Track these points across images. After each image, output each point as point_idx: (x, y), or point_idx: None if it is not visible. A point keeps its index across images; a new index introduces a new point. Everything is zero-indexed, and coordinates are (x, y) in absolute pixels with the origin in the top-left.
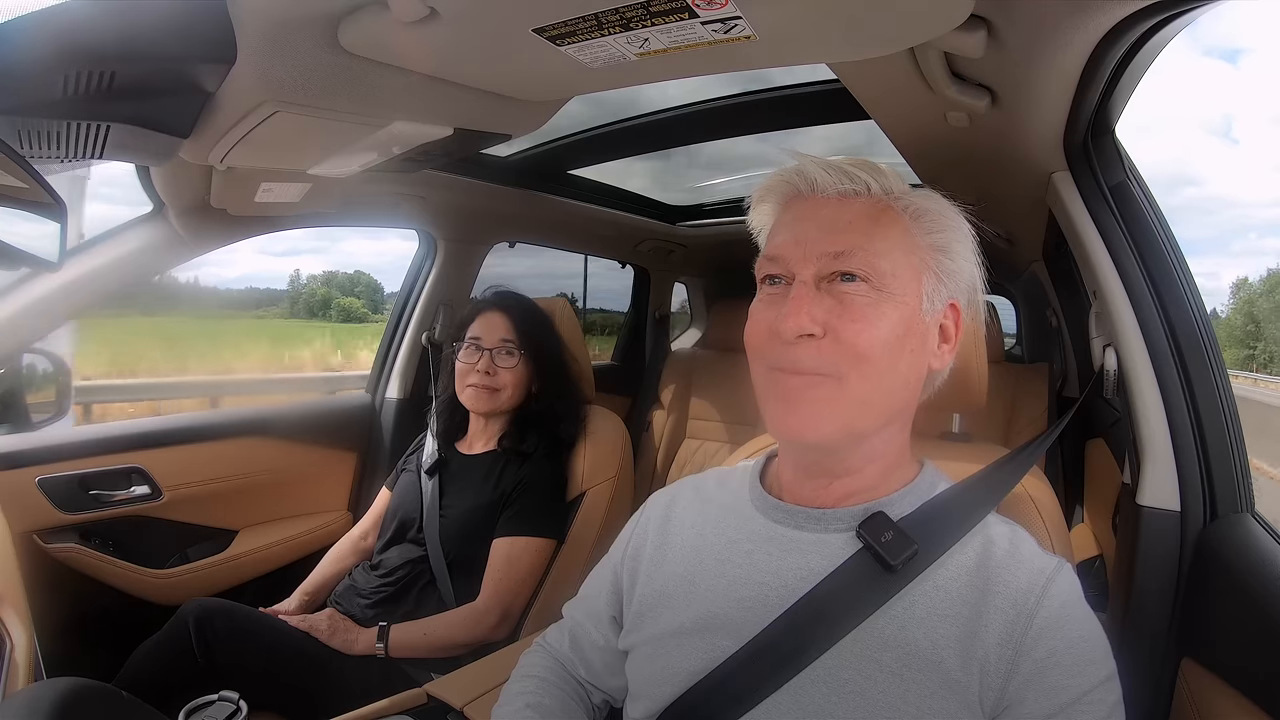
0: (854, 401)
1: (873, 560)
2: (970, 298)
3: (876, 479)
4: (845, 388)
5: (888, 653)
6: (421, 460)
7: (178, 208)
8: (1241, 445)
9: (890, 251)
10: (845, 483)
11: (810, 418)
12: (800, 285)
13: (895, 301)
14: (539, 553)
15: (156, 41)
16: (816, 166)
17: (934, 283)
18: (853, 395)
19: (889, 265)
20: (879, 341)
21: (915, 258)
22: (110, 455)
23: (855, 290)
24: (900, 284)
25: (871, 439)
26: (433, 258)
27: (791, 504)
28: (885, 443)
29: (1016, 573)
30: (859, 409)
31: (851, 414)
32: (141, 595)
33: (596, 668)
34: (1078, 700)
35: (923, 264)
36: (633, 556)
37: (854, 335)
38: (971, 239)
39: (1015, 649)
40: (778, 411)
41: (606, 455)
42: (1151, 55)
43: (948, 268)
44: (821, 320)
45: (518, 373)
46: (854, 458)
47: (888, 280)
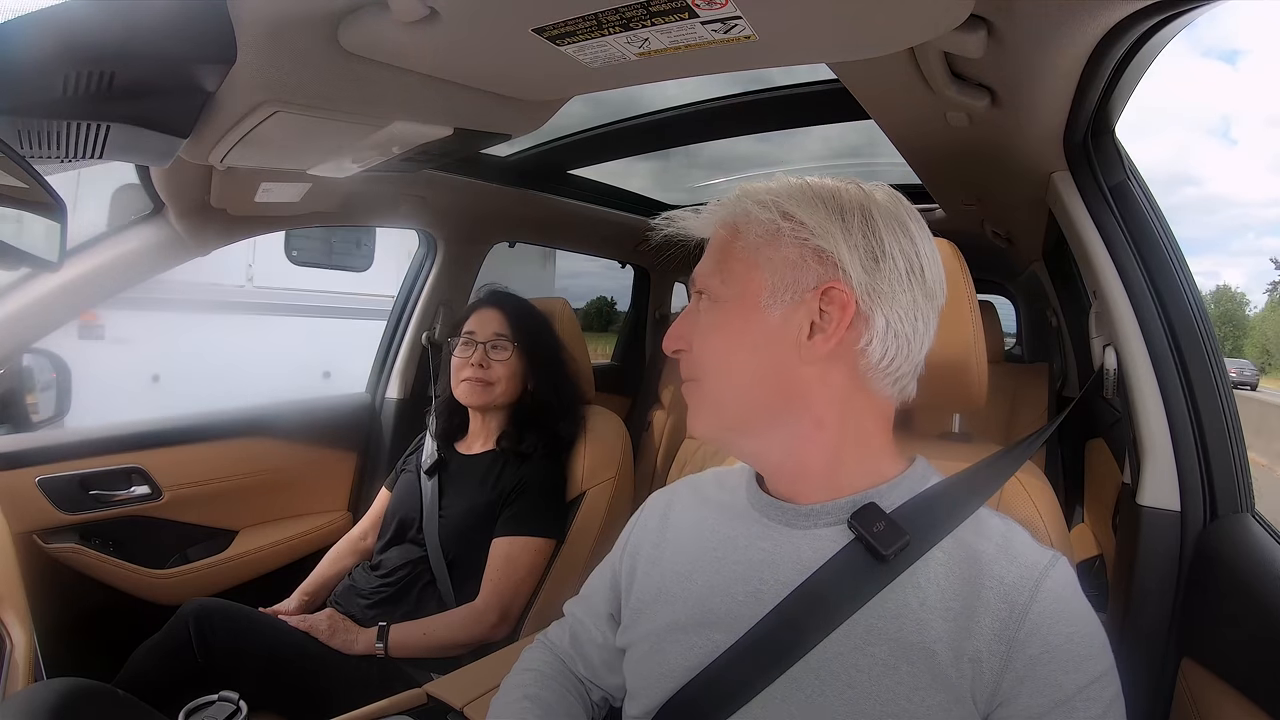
0: (710, 401)
1: (865, 551)
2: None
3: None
4: (702, 389)
5: (880, 645)
6: (421, 460)
7: (178, 208)
8: (1241, 445)
9: (725, 262)
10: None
11: (691, 416)
12: (683, 312)
13: (726, 305)
14: (538, 552)
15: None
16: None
17: (777, 276)
18: (708, 396)
19: (719, 274)
20: (712, 347)
21: (743, 262)
22: (110, 455)
23: (700, 305)
24: (731, 286)
25: (773, 435)
26: (433, 258)
27: (784, 501)
28: (803, 438)
29: (1010, 567)
30: (715, 407)
31: (710, 411)
32: (141, 595)
33: (595, 665)
34: (1073, 696)
35: (752, 265)
36: (631, 555)
37: (699, 344)
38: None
39: (1008, 644)
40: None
41: (606, 455)
42: (1151, 55)
43: (786, 257)
44: (686, 335)
45: (511, 366)
46: (768, 455)
47: (719, 292)
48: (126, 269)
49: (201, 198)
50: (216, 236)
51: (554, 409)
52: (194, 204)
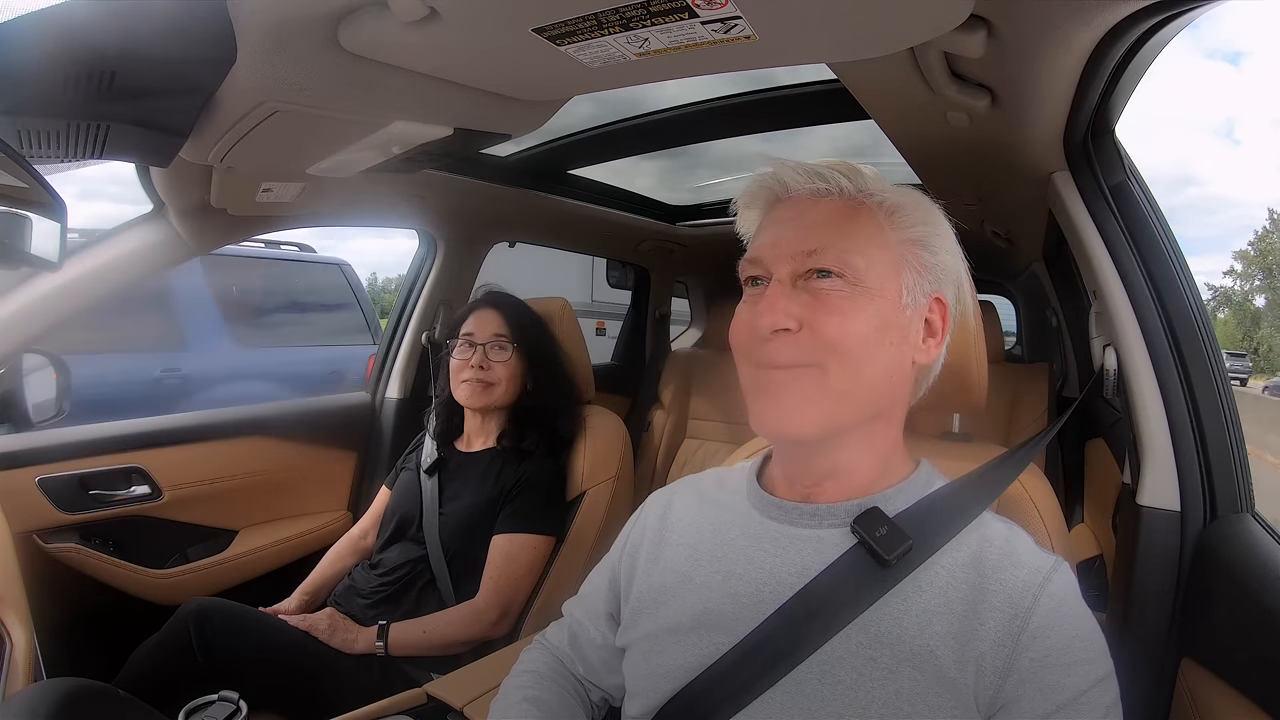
0: (834, 393)
1: (867, 555)
2: (957, 292)
3: (869, 477)
4: (825, 378)
5: (882, 649)
6: (421, 459)
7: (178, 208)
8: (1241, 445)
9: (864, 247)
10: (836, 482)
11: (791, 411)
12: (776, 283)
13: (871, 295)
14: (538, 550)
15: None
16: (788, 169)
17: (913, 276)
18: (833, 386)
19: (863, 261)
20: (855, 333)
21: (891, 252)
22: (110, 455)
23: (831, 286)
24: (876, 278)
25: (855, 435)
26: (433, 257)
27: (785, 500)
28: (872, 440)
29: (1013, 571)
30: (839, 401)
31: (831, 406)
32: (141, 595)
33: (595, 665)
34: (1074, 700)
35: (900, 259)
36: (630, 555)
37: (830, 327)
38: (951, 232)
39: (1011, 648)
40: (761, 406)
41: (606, 455)
42: (1152, 55)
43: (927, 261)
44: (797, 315)
45: (511, 366)
46: (840, 455)
47: (863, 275)
48: (126, 269)
49: (201, 198)
50: (216, 236)
51: (553, 407)
52: (194, 204)
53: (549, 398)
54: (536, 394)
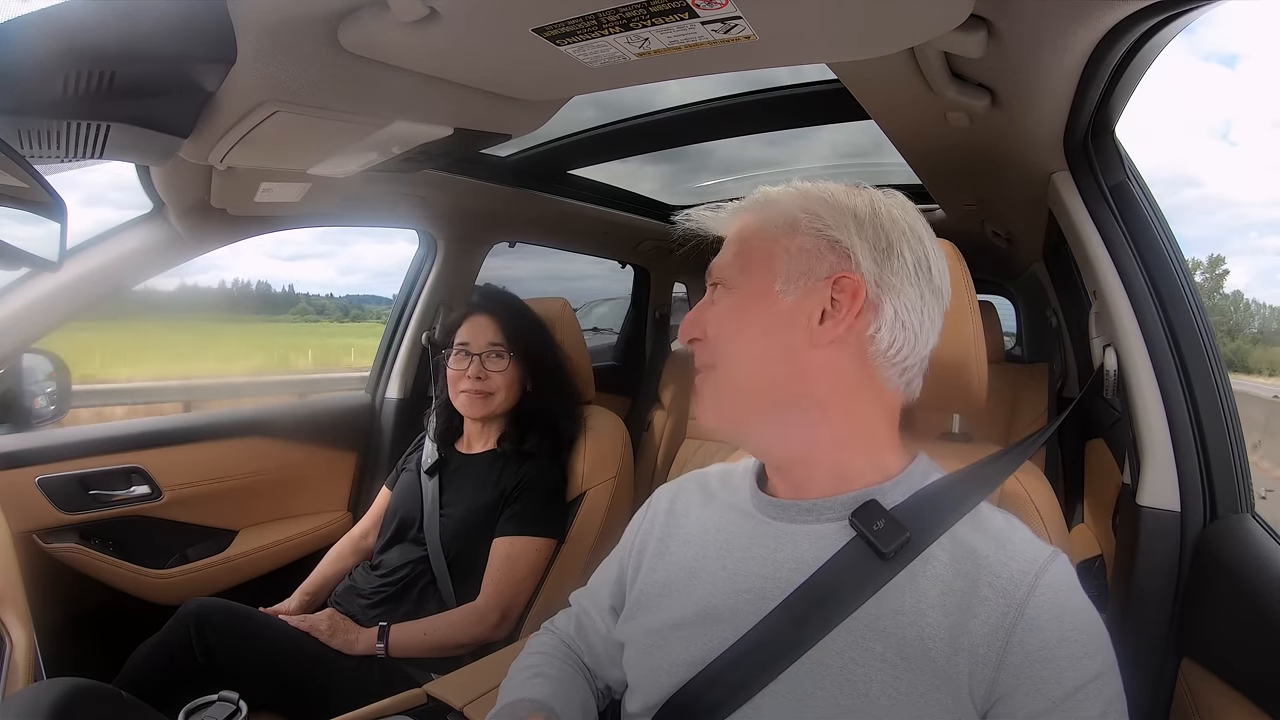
0: (724, 387)
1: (866, 548)
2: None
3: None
4: (715, 375)
5: (880, 642)
6: (421, 460)
7: (178, 208)
8: (1242, 445)
9: (739, 254)
10: (803, 471)
11: (705, 408)
12: (698, 304)
13: (742, 292)
14: (539, 552)
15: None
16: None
17: (791, 263)
18: (721, 382)
19: (736, 265)
20: (726, 331)
21: (758, 250)
22: (110, 455)
23: (715, 294)
24: (748, 275)
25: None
26: (433, 258)
27: (784, 499)
28: (817, 425)
29: (1008, 562)
30: (731, 393)
31: (727, 399)
32: (141, 595)
33: (599, 656)
34: (1072, 694)
35: (768, 254)
36: (638, 549)
37: (711, 329)
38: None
39: (1005, 640)
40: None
41: (606, 455)
42: (1151, 55)
43: (801, 245)
44: (701, 323)
45: (509, 375)
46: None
47: (732, 276)
48: (126, 269)
49: (201, 198)
50: (216, 236)
51: (554, 409)
52: (194, 204)
53: (549, 400)
54: (536, 397)
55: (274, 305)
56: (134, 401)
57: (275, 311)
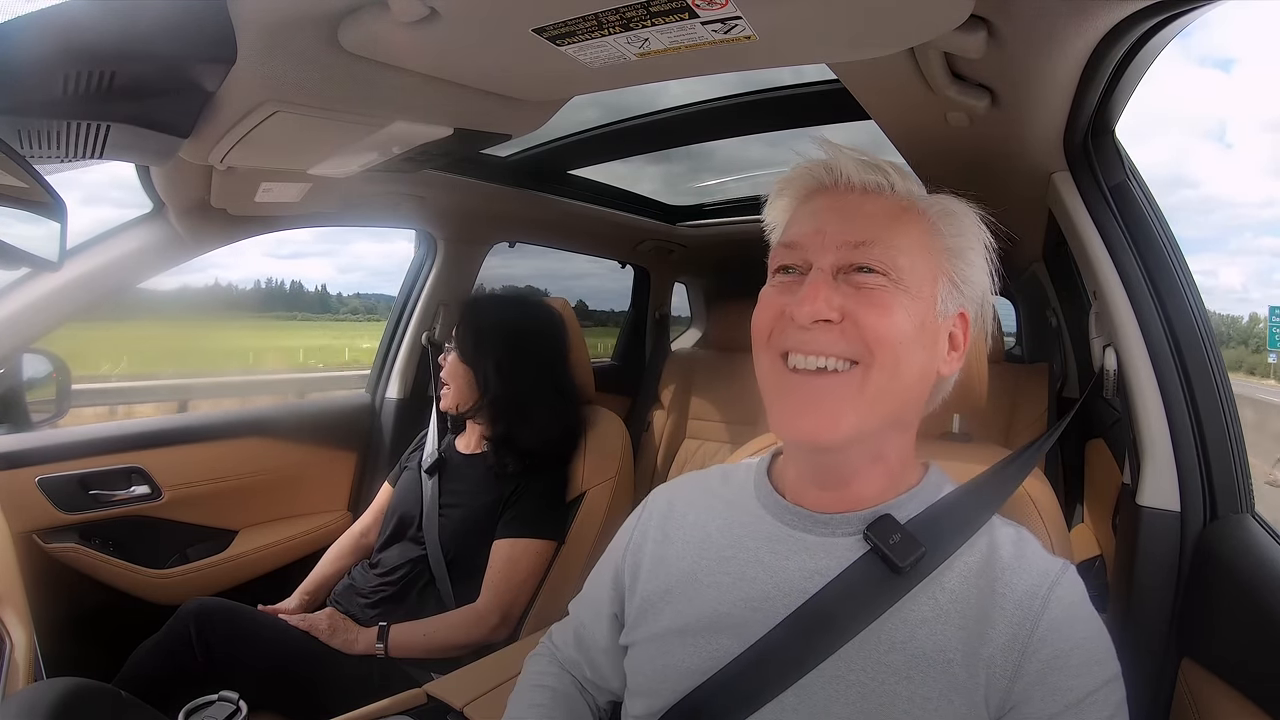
0: (871, 395)
1: (880, 562)
2: (979, 310)
3: (882, 486)
4: (866, 378)
5: (894, 654)
6: (423, 458)
7: (178, 208)
8: (1241, 445)
9: (910, 249)
10: (852, 489)
11: (826, 416)
12: (818, 273)
13: (912, 296)
14: (539, 554)
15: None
16: (847, 158)
17: (948, 288)
18: (872, 387)
19: (908, 262)
20: (899, 330)
21: (933, 260)
22: (110, 455)
23: (874, 282)
24: (917, 281)
25: (877, 440)
26: (433, 258)
27: (798, 506)
28: (891, 446)
29: (1022, 575)
30: (874, 403)
31: (866, 409)
32: (141, 595)
33: (602, 668)
34: (1082, 701)
35: (939, 267)
36: (635, 553)
37: (874, 321)
38: (986, 250)
39: (1021, 651)
40: (790, 410)
41: (606, 456)
42: (1151, 56)
43: (963, 274)
44: (839, 306)
45: (453, 370)
46: (860, 461)
47: (905, 276)
48: (126, 269)
49: (201, 197)
50: (216, 236)
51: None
52: (194, 204)
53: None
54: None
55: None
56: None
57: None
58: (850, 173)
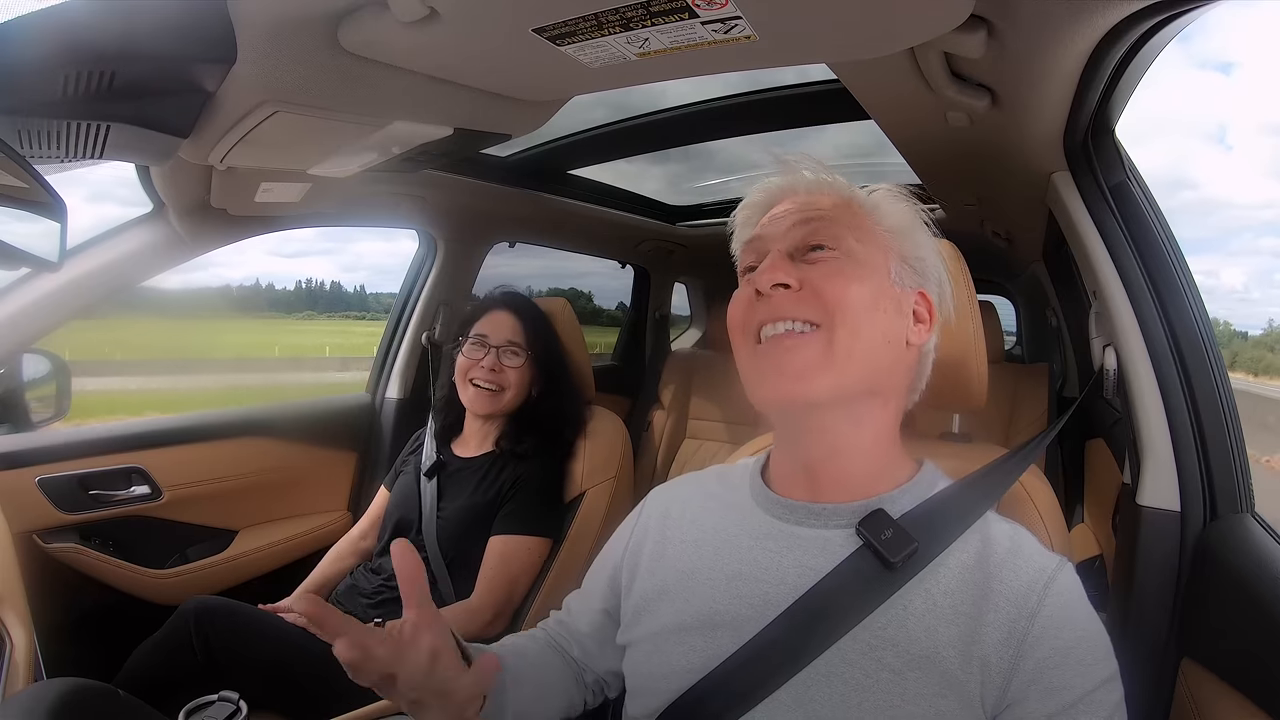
0: (838, 354)
1: (873, 558)
2: (939, 291)
3: (870, 467)
4: (830, 339)
5: (888, 650)
6: (420, 461)
7: (178, 208)
8: (1241, 445)
9: (854, 230)
10: (836, 465)
11: (795, 376)
12: (774, 254)
13: (863, 265)
14: (534, 551)
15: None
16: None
17: (899, 264)
18: (837, 347)
19: (855, 241)
20: (854, 295)
21: (879, 241)
22: (110, 455)
23: (827, 256)
24: (867, 255)
25: (854, 410)
26: (433, 258)
27: (790, 499)
28: (870, 420)
29: (1018, 571)
30: (844, 363)
31: (837, 368)
32: (141, 595)
33: (590, 650)
34: (1079, 700)
35: (885, 247)
36: (634, 552)
37: (831, 288)
38: (929, 232)
39: (1017, 648)
40: (763, 374)
41: (606, 455)
42: (1151, 56)
43: (911, 251)
44: (797, 276)
45: (523, 374)
46: (839, 432)
47: (854, 249)
48: (126, 269)
49: (201, 198)
50: (216, 236)
51: (559, 412)
52: (194, 204)
53: (556, 403)
54: (543, 399)
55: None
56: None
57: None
58: (800, 184)
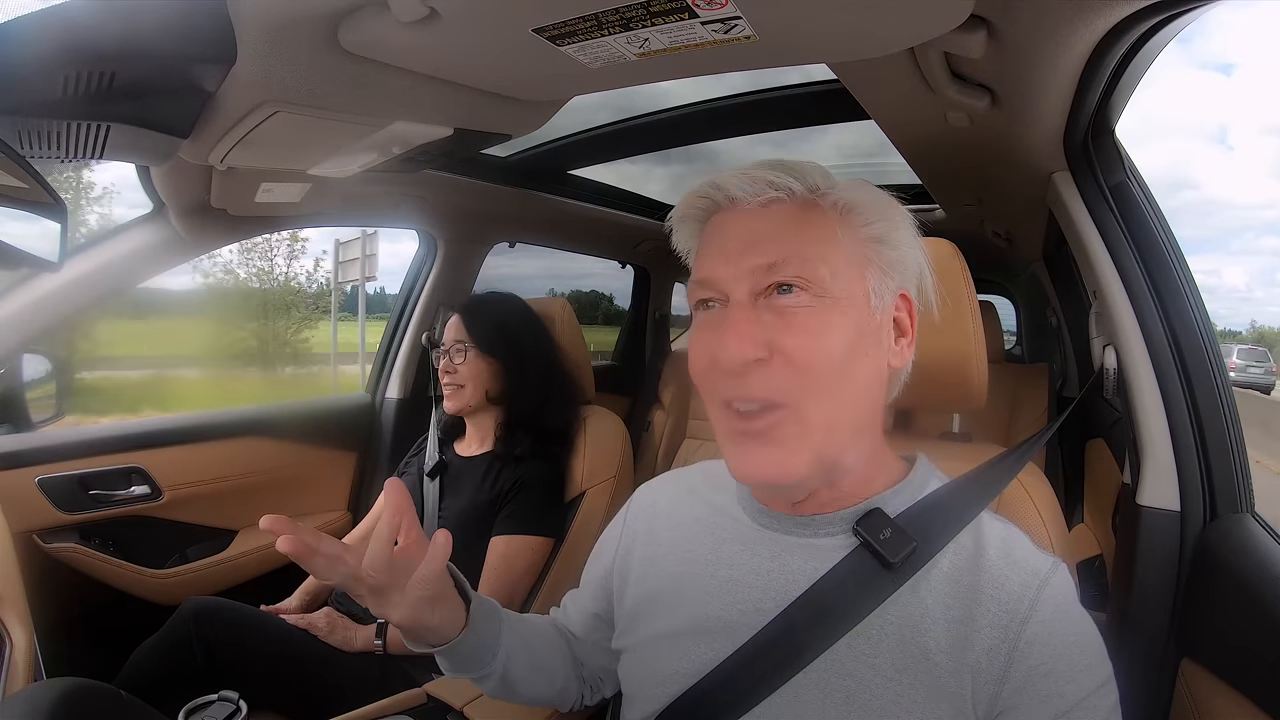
0: (819, 430)
1: (871, 559)
2: (919, 283)
3: (861, 478)
4: (806, 418)
5: (881, 655)
6: (423, 463)
7: (178, 208)
8: (1241, 445)
9: (826, 253)
10: (822, 496)
11: (777, 460)
12: (736, 307)
13: (840, 306)
14: (535, 551)
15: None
16: (731, 176)
17: (879, 277)
18: (816, 424)
19: (827, 269)
20: (830, 355)
21: (854, 253)
22: (110, 455)
23: (796, 302)
24: (842, 285)
25: (840, 459)
26: (433, 258)
27: (778, 512)
28: (857, 451)
29: (1009, 575)
30: (826, 436)
31: (819, 443)
32: (141, 595)
33: (585, 645)
34: (1074, 706)
35: (863, 259)
36: (624, 558)
37: (803, 352)
38: (910, 222)
39: (1008, 655)
40: (740, 455)
41: (606, 455)
42: (1151, 56)
43: (889, 258)
44: (765, 340)
45: (473, 368)
46: (829, 478)
47: (828, 285)
48: (126, 269)
49: (201, 198)
50: (216, 236)
51: (535, 405)
52: (194, 204)
53: (525, 394)
54: (521, 396)
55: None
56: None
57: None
58: (737, 191)
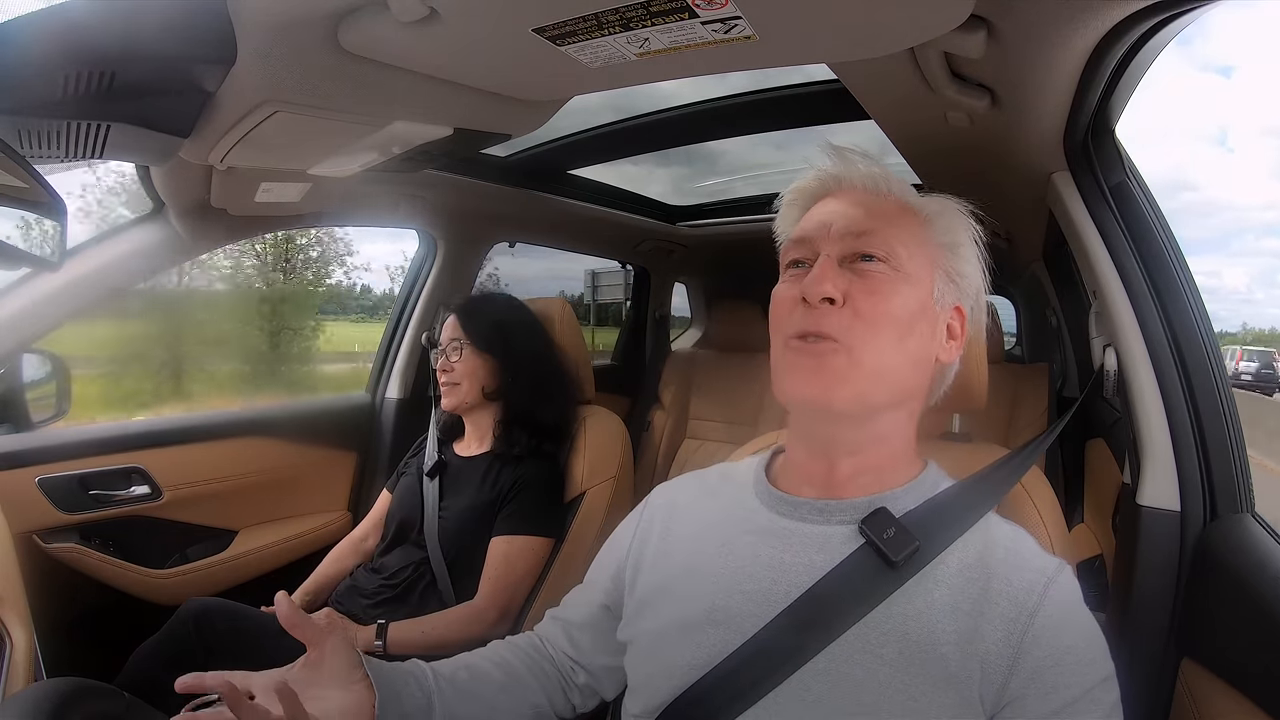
0: (866, 373)
1: (875, 556)
2: (974, 304)
3: (881, 466)
4: (857, 358)
5: (888, 647)
6: (422, 463)
7: (178, 208)
8: (1242, 445)
9: (907, 241)
10: (852, 463)
11: (824, 385)
12: (825, 259)
13: (911, 281)
14: (536, 551)
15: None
16: (854, 167)
17: (944, 281)
18: (864, 366)
19: (906, 252)
20: (891, 315)
21: (928, 254)
22: (110, 455)
23: (875, 269)
24: (915, 269)
25: (879, 419)
26: (433, 258)
27: (795, 496)
28: (891, 427)
29: (1019, 572)
30: (870, 382)
31: (862, 386)
32: (141, 595)
33: (583, 644)
34: (1077, 700)
35: (934, 261)
36: (638, 549)
37: (870, 306)
38: (978, 248)
39: (1016, 647)
40: (797, 378)
41: (606, 455)
42: (1151, 56)
43: (957, 268)
44: (843, 289)
45: (469, 365)
46: (865, 434)
47: (904, 262)
48: (127, 269)
49: (201, 198)
50: (216, 236)
51: (528, 400)
52: (194, 204)
53: (526, 392)
54: (517, 394)
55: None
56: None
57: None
58: (856, 178)
